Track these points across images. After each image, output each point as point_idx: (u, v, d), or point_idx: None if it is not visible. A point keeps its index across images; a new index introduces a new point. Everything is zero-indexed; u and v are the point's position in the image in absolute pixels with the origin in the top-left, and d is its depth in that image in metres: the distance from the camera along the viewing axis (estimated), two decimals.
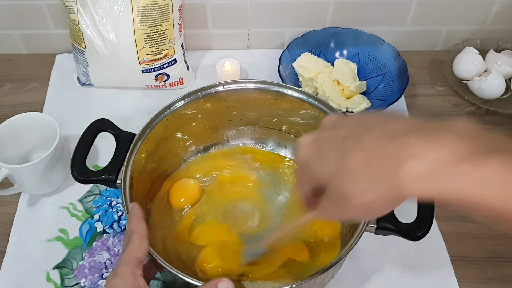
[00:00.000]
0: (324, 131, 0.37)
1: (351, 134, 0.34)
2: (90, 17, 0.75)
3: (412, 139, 0.30)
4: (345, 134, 0.34)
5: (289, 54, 0.85)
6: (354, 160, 0.32)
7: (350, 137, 0.34)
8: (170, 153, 0.67)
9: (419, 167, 0.29)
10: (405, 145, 0.30)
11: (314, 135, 0.38)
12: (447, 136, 0.30)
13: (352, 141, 0.33)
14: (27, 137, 0.71)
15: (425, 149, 0.29)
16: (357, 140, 0.33)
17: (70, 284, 0.62)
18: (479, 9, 0.87)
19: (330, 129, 0.37)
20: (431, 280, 0.63)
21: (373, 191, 0.32)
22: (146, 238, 0.46)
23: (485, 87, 0.81)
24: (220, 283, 0.44)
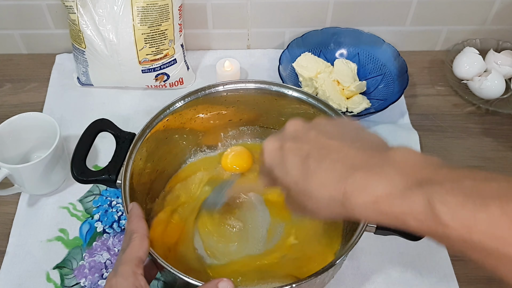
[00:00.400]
0: (287, 141, 0.41)
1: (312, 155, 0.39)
2: (90, 17, 0.75)
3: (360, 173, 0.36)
4: (307, 152, 0.39)
5: (289, 54, 0.85)
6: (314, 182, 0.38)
7: (311, 158, 0.39)
8: (170, 153, 0.67)
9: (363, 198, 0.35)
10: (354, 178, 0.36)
11: (277, 142, 0.42)
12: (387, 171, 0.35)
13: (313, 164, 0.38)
14: (27, 137, 0.71)
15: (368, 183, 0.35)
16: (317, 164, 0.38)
17: (70, 284, 0.62)
18: (479, 9, 0.87)
19: (292, 140, 0.41)
20: (431, 280, 0.63)
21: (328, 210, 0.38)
22: (146, 238, 0.46)
23: (485, 87, 0.81)
24: (220, 283, 0.44)
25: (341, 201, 0.36)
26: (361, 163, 0.37)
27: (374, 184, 0.35)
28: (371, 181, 0.35)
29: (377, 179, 0.35)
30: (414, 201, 0.33)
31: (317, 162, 0.38)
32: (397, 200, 0.34)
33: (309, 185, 0.38)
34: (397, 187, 0.34)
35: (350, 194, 0.36)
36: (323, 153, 0.39)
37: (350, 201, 0.36)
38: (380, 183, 0.35)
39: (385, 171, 0.35)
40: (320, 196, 0.38)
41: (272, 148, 0.42)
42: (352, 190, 0.36)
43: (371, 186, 0.35)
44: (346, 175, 0.36)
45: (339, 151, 0.38)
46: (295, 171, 0.39)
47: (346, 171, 0.36)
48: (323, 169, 0.38)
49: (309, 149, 0.39)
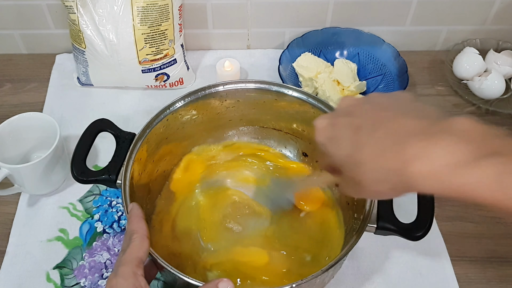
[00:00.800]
0: (339, 116, 0.40)
1: (364, 126, 0.37)
2: (90, 17, 0.75)
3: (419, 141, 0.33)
4: (359, 124, 0.37)
5: (289, 54, 0.85)
6: (367, 154, 0.36)
7: (363, 129, 0.37)
8: (170, 153, 0.67)
9: (423, 168, 0.33)
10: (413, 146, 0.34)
11: (330, 118, 0.41)
12: (448, 139, 0.33)
13: (366, 135, 0.36)
14: (27, 137, 0.71)
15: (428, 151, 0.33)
16: (369, 135, 0.36)
17: (70, 284, 0.62)
18: (479, 9, 0.87)
19: (344, 115, 0.40)
20: (431, 280, 0.63)
21: (384, 183, 0.36)
22: (147, 238, 0.46)
23: (485, 87, 0.81)
24: (220, 283, 0.44)
25: (399, 171, 0.34)
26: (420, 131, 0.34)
27: (437, 152, 0.32)
28: (434, 149, 0.33)
29: (441, 147, 0.33)
30: (483, 172, 0.31)
31: (370, 132, 0.36)
32: (464, 170, 0.32)
33: (362, 156, 0.36)
34: (464, 156, 0.32)
35: (410, 162, 0.33)
36: (377, 123, 0.37)
37: (408, 170, 0.33)
38: (444, 152, 0.32)
39: (449, 139, 0.33)
40: (375, 167, 0.35)
41: (323, 125, 0.41)
42: (412, 158, 0.33)
43: (435, 154, 0.32)
44: (404, 142, 0.34)
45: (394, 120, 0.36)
46: (348, 143, 0.37)
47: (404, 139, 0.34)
48: (376, 138, 0.36)
49: (361, 122, 0.38)
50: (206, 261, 0.60)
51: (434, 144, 0.33)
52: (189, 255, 0.61)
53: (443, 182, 0.33)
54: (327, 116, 0.41)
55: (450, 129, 0.34)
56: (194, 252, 0.61)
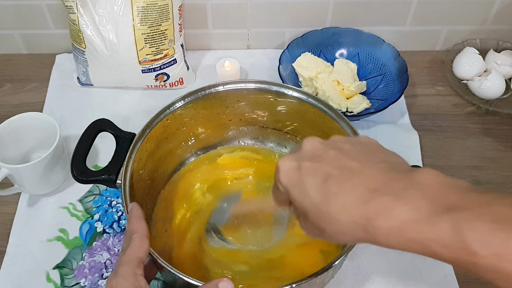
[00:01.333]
0: (304, 160, 0.39)
1: (333, 176, 0.37)
2: (90, 17, 0.75)
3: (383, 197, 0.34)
4: (328, 174, 0.37)
5: (289, 54, 0.85)
6: (335, 206, 0.36)
7: (332, 179, 0.37)
8: (170, 153, 0.67)
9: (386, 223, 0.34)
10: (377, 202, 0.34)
11: (294, 161, 0.40)
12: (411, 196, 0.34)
13: (335, 186, 0.37)
14: (27, 137, 0.71)
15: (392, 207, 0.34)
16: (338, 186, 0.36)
17: (70, 284, 0.62)
18: (479, 9, 0.87)
19: (310, 159, 0.39)
20: (431, 280, 0.63)
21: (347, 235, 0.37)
22: (147, 238, 0.46)
23: (485, 87, 0.81)
24: (220, 283, 0.44)
25: (364, 225, 0.35)
26: (385, 186, 0.35)
27: (399, 209, 0.33)
28: (396, 206, 0.34)
29: (402, 203, 0.33)
30: (441, 228, 0.32)
31: (338, 184, 0.36)
32: (424, 227, 0.32)
33: (330, 208, 0.36)
34: (424, 212, 0.33)
35: (374, 218, 0.34)
36: (345, 174, 0.37)
37: (373, 225, 0.34)
38: (405, 208, 0.33)
39: (411, 195, 0.34)
40: (341, 220, 0.36)
41: (288, 168, 0.40)
42: (376, 215, 0.34)
43: (396, 211, 0.33)
44: (369, 198, 0.35)
45: (361, 172, 0.37)
46: (315, 193, 0.37)
47: (369, 194, 0.35)
48: (345, 191, 0.36)
49: (329, 170, 0.38)
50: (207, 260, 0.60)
51: (397, 200, 0.34)
52: (189, 255, 0.61)
53: (405, 238, 0.33)
54: (292, 158, 0.40)
55: (414, 184, 0.34)
56: (194, 251, 0.61)
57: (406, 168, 0.38)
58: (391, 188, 0.35)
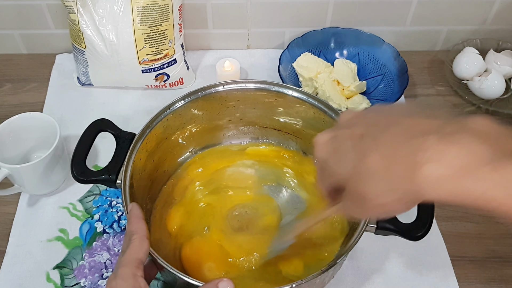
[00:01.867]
0: (340, 129, 0.37)
1: (367, 133, 0.34)
2: (90, 17, 0.75)
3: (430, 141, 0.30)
4: (362, 133, 0.34)
5: (289, 54, 0.85)
6: (371, 162, 0.32)
7: (367, 136, 0.33)
8: (170, 153, 0.67)
9: (437, 171, 0.29)
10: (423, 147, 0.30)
11: (330, 133, 0.38)
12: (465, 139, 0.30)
13: (369, 141, 0.33)
14: (27, 137, 0.71)
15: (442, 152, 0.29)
16: (374, 140, 0.33)
17: (70, 284, 0.62)
18: (479, 9, 0.87)
19: (346, 127, 0.37)
20: (431, 280, 0.63)
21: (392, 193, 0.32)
22: (146, 239, 0.46)
23: (485, 87, 0.81)
24: (220, 283, 0.44)
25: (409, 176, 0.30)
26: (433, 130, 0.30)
27: (453, 154, 0.29)
28: (448, 151, 0.29)
29: (457, 148, 0.29)
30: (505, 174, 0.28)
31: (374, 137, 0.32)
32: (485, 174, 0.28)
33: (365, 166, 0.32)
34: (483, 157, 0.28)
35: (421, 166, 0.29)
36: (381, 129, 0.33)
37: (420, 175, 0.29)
38: (461, 153, 0.29)
39: (466, 139, 0.29)
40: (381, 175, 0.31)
41: (324, 140, 0.37)
42: (423, 162, 0.29)
43: (449, 156, 0.29)
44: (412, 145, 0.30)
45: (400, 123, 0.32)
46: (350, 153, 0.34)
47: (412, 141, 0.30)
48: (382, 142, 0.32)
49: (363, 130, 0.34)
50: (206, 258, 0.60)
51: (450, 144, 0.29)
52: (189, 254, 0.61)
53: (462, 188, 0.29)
54: (327, 131, 0.38)
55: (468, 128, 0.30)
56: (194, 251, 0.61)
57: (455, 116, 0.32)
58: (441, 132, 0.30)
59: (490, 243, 0.67)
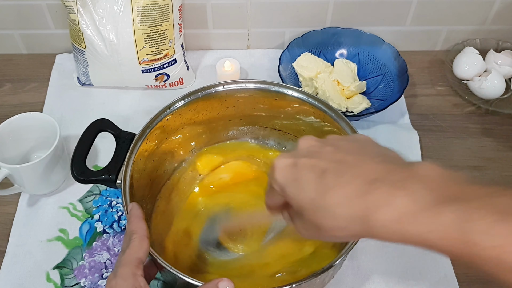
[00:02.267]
0: (301, 157, 0.39)
1: (330, 170, 0.36)
2: (90, 17, 0.75)
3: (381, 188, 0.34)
4: (324, 168, 0.37)
5: (289, 54, 0.85)
6: (332, 199, 0.35)
7: (329, 173, 0.36)
8: (170, 153, 0.67)
9: (384, 216, 0.33)
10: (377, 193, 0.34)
11: (290, 158, 0.39)
12: (412, 186, 0.33)
13: (331, 179, 0.36)
14: (27, 137, 0.71)
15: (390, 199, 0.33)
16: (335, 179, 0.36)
17: (70, 284, 0.62)
18: (479, 9, 0.87)
19: (307, 156, 0.39)
20: (431, 280, 0.63)
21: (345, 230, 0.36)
22: (146, 238, 0.46)
23: (485, 87, 0.81)
24: (220, 283, 0.44)
25: (361, 218, 0.34)
26: (383, 178, 0.34)
27: (399, 200, 0.33)
28: (395, 197, 0.33)
29: (401, 194, 0.33)
30: (443, 219, 0.31)
31: (335, 177, 0.36)
32: (424, 218, 0.32)
33: (327, 202, 0.35)
34: (424, 204, 0.32)
35: (372, 210, 0.33)
36: (342, 168, 0.36)
37: (371, 218, 0.33)
38: (405, 199, 0.32)
39: (410, 186, 0.33)
40: (339, 213, 0.35)
41: (284, 165, 0.39)
42: (374, 206, 0.33)
43: (396, 202, 0.33)
44: (368, 190, 0.34)
45: (358, 166, 0.36)
46: (312, 186, 0.36)
47: (368, 186, 0.34)
48: (342, 184, 0.35)
49: (326, 164, 0.37)
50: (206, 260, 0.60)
51: (396, 191, 0.33)
52: (189, 254, 0.61)
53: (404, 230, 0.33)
54: (288, 156, 0.40)
55: (413, 175, 0.34)
56: (194, 251, 0.61)
57: (404, 161, 0.37)
58: (390, 179, 0.34)
59: None
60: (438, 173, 0.34)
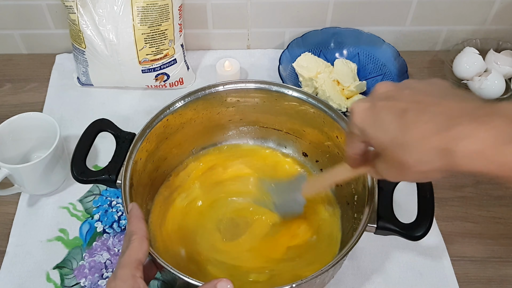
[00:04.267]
0: (379, 100, 0.40)
1: (410, 109, 0.37)
2: (90, 17, 0.75)
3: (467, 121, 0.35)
4: (404, 108, 0.38)
5: (289, 54, 0.85)
6: (415, 134, 0.36)
7: (410, 111, 0.37)
8: (170, 153, 0.67)
9: (472, 146, 0.34)
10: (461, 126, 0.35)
11: (368, 102, 0.40)
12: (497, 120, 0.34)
13: (413, 116, 0.37)
14: (27, 137, 0.71)
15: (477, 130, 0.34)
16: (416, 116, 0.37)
17: (70, 284, 0.62)
18: (479, 9, 0.87)
19: (385, 99, 0.40)
20: (431, 280, 0.63)
21: (431, 163, 0.36)
22: (146, 239, 0.46)
23: (485, 87, 0.81)
24: (220, 283, 0.44)
25: (445, 151, 0.35)
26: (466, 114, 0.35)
27: (482, 133, 0.34)
28: (479, 130, 0.34)
29: (486, 128, 0.34)
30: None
31: (416, 115, 0.37)
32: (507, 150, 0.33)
33: (409, 137, 0.36)
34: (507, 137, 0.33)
35: (456, 143, 0.34)
36: (422, 106, 0.37)
37: (455, 149, 0.34)
38: (490, 133, 0.34)
39: (494, 121, 0.34)
40: (421, 148, 0.36)
41: (363, 108, 0.40)
42: (457, 139, 0.34)
43: (480, 135, 0.34)
44: (450, 124, 0.35)
45: (439, 104, 0.37)
46: (393, 125, 0.38)
47: (450, 121, 0.35)
48: (424, 120, 0.36)
49: (405, 105, 0.38)
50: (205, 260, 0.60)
51: (480, 125, 0.34)
52: (188, 254, 0.61)
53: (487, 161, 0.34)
54: (366, 100, 0.41)
55: (496, 113, 0.35)
56: (193, 251, 0.61)
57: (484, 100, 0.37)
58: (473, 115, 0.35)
59: (490, 243, 0.67)
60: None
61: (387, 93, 0.41)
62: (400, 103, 0.38)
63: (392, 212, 0.53)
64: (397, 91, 0.40)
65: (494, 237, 0.67)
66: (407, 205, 0.58)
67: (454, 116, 0.36)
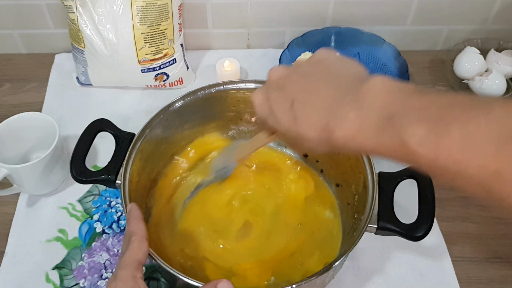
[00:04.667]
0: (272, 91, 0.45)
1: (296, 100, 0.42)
2: (89, 16, 0.75)
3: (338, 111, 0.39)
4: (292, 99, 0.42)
5: (289, 54, 0.85)
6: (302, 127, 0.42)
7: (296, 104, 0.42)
8: (170, 153, 0.67)
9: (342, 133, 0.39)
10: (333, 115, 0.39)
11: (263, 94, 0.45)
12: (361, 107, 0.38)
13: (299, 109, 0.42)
14: (26, 137, 0.71)
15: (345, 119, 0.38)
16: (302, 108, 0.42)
17: (69, 285, 0.62)
18: (480, 9, 0.87)
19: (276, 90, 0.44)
20: (432, 281, 0.63)
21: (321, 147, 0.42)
22: (145, 240, 0.46)
23: (486, 87, 0.80)
24: (220, 283, 0.43)
25: (326, 138, 0.40)
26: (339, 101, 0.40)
27: (350, 120, 0.38)
28: (348, 118, 0.38)
29: (353, 115, 0.38)
30: (385, 134, 0.36)
31: (301, 107, 0.42)
32: (371, 135, 0.37)
33: (299, 129, 0.42)
34: (370, 122, 0.37)
35: (332, 130, 0.39)
36: (306, 97, 0.42)
37: (333, 136, 0.39)
38: (355, 119, 0.38)
39: (360, 106, 0.38)
40: (311, 136, 0.41)
41: (260, 101, 0.46)
42: (333, 127, 0.39)
43: (348, 122, 0.38)
44: (327, 114, 0.40)
45: (319, 92, 0.41)
46: (285, 118, 0.43)
47: (327, 110, 0.40)
48: (307, 112, 0.41)
49: (292, 96, 0.43)
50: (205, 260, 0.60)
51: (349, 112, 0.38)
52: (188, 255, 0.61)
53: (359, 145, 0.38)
54: (261, 91, 0.46)
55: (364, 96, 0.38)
56: (193, 251, 0.61)
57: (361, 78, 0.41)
58: (345, 102, 0.39)
59: (491, 244, 0.67)
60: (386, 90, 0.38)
61: (278, 82, 0.45)
62: (289, 94, 0.43)
63: (392, 213, 0.53)
64: (287, 79, 0.45)
65: (495, 237, 0.67)
66: (407, 205, 0.58)
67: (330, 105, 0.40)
